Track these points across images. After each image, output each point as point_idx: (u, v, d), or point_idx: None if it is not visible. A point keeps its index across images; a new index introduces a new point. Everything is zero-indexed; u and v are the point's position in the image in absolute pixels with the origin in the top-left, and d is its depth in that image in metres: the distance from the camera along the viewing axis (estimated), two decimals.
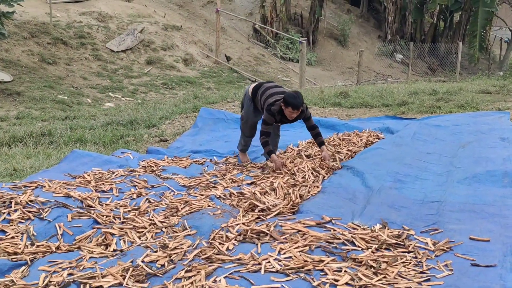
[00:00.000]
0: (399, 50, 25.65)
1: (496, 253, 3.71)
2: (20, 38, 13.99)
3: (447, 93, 10.36)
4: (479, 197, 4.74)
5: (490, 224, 4.18)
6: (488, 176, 5.20)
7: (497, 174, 5.20)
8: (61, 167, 5.75)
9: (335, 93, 10.76)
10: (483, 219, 4.30)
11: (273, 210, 4.49)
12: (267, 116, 5.74)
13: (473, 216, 4.37)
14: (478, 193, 4.85)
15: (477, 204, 4.59)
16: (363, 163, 5.69)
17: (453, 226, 4.21)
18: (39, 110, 10.60)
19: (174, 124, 9.02)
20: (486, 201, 4.64)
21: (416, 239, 3.99)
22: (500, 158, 5.63)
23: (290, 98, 5.56)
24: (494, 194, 4.77)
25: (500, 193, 4.81)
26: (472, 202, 4.66)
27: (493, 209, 4.46)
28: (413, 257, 3.70)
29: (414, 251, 3.78)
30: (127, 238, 4.08)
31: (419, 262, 3.63)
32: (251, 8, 24.79)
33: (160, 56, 16.55)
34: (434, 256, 3.73)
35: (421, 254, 3.72)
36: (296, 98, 5.55)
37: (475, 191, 4.92)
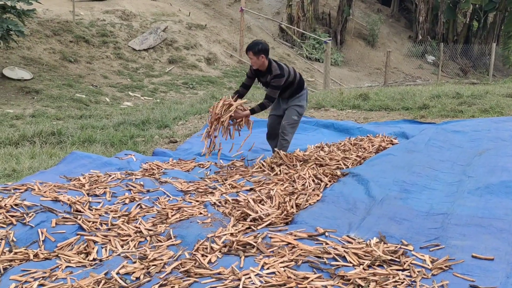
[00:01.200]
0: (430, 51, 25.08)
1: (499, 274, 3.43)
2: (43, 36, 14.05)
3: (471, 97, 9.95)
4: (489, 210, 4.43)
5: (497, 241, 3.88)
6: (502, 187, 4.87)
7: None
8: (59, 169, 5.63)
9: (354, 95, 10.46)
10: (490, 235, 4.00)
11: (265, 220, 4.26)
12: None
13: (479, 231, 4.07)
14: (488, 206, 4.53)
15: (485, 218, 4.29)
16: (370, 170, 5.41)
17: (456, 241, 3.92)
18: (55, 108, 10.58)
19: (187, 125, 8.87)
20: (496, 215, 4.33)
21: (413, 256, 3.72)
22: None
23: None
24: (505, 207, 4.46)
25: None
26: (480, 215, 4.35)
27: (502, 224, 4.15)
28: (407, 276, 3.44)
29: (409, 269, 3.51)
30: (110, 246, 3.91)
31: (413, 281, 3.37)
32: (279, 7, 24.54)
33: (183, 55, 16.44)
34: (430, 275, 3.46)
35: (416, 273, 3.45)
36: (253, 42, 5.91)
37: (486, 203, 4.61)
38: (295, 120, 6.22)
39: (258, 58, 5.83)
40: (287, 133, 6.20)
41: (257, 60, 5.84)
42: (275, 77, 5.87)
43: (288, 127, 6.20)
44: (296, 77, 6.15)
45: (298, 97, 6.22)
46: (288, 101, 6.26)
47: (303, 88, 6.28)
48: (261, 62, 5.87)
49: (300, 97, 6.24)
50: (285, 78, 5.93)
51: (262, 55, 5.84)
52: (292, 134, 6.26)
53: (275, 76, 5.87)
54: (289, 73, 6.02)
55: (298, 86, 6.20)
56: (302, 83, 6.28)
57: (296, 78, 6.15)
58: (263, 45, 5.86)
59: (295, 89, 6.18)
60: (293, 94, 6.21)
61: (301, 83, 6.24)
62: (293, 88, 6.16)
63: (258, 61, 5.86)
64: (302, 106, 6.25)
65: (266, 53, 5.88)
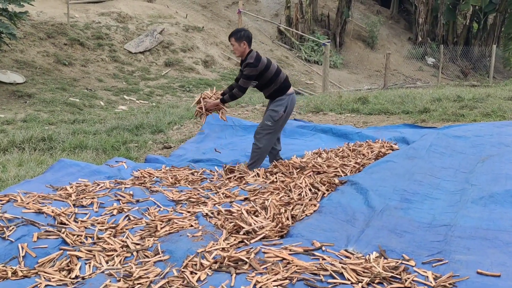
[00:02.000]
0: (430, 53, 24.88)
1: None
2: (36, 38, 13.83)
3: (472, 100, 9.74)
4: (494, 221, 4.21)
5: (503, 256, 3.66)
6: (507, 196, 4.65)
7: None
8: (45, 177, 5.41)
9: (353, 99, 10.25)
10: (496, 249, 3.78)
11: (258, 233, 4.04)
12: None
13: (484, 245, 3.85)
14: (493, 217, 4.31)
15: (491, 230, 4.07)
16: (369, 179, 5.19)
17: (460, 256, 3.69)
18: (48, 113, 10.36)
19: (182, 130, 8.67)
20: (501, 227, 4.11)
21: (415, 272, 3.50)
22: None
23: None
24: (511, 218, 4.24)
25: None
26: (485, 227, 4.13)
27: (508, 236, 3.93)
28: None
29: (411, 287, 3.29)
30: (94, 262, 3.69)
31: None
32: (277, 9, 24.35)
33: (180, 58, 16.23)
34: None
35: None
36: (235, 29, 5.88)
37: (490, 213, 4.39)
38: (268, 125, 5.87)
39: (240, 44, 5.69)
40: (259, 138, 5.91)
41: (238, 46, 5.70)
42: (247, 65, 5.67)
43: (260, 132, 5.92)
44: (277, 77, 5.83)
45: (277, 101, 5.89)
46: (269, 103, 6.03)
47: (286, 93, 5.90)
48: (242, 49, 5.72)
49: (280, 102, 5.87)
50: (259, 69, 5.67)
51: (244, 42, 5.69)
52: (267, 141, 5.91)
53: (247, 64, 5.67)
54: (266, 68, 5.74)
55: (280, 89, 5.87)
56: (286, 86, 5.91)
57: (277, 78, 5.83)
58: (246, 32, 5.76)
59: (275, 90, 5.87)
60: (273, 96, 5.92)
61: (284, 86, 5.89)
62: (273, 88, 5.86)
63: (239, 48, 5.72)
64: (277, 112, 5.85)
65: (248, 41, 5.73)
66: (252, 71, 5.66)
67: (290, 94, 5.94)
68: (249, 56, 5.71)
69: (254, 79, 5.75)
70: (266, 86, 5.86)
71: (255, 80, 5.78)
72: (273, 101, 5.94)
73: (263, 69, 5.72)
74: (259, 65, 5.67)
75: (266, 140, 5.89)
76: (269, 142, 5.94)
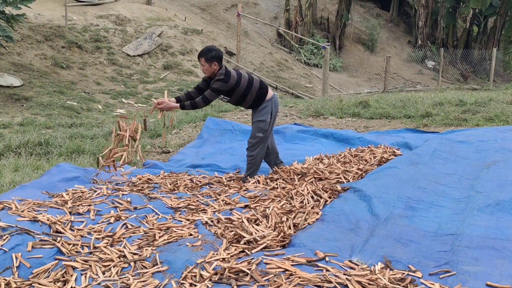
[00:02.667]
0: (430, 56, 24.79)
1: None
2: (34, 41, 13.72)
3: (475, 104, 9.62)
4: (502, 230, 4.10)
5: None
6: None
7: None
8: (41, 183, 5.28)
9: (354, 103, 10.14)
10: (505, 259, 3.67)
11: (260, 243, 3.92)
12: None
13: (492, 255, 3.73)
14: (500, 225, 4.20)
15: (499, 239, 3.95)
16: (372, 185, 5.08)
17: (469, 267, 3.58)
18: (45, 116, 10.24)
19: (181, 134, 8.57)
20: (509, 236, 4.00)
21: (423, 284, 3.39)
22: None
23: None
24: None
25: None
26: (493, 236, 4.02)
27: None
28: None
29: None
30: (90, 273, 3.57)
31: None
32: (276, 12, 24.25)
33: (178, 61, 16.11)
34: None
35: None
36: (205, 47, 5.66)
37: (497, 222, 4.28)
38: (260, 136, 5.74)
39: (211, 65, 5.50)
40: (252, 149, 5.78)
41: (209, 67, 5.51)
42: (218, 80, 5.49)
43: (253, 144, 5.78)
44: (250, 88, 5.64)
45: (261, 110, 5.72)
46: (253, 113, 5.84)
47: (266, 100, 5.73)
48: (212, 70, 5.53)
49: (263, 110, 5.71)
50: (229, 85, 5.52)
51: (215, 62, 5.50)
52: (260, 149, 5.79)
53: (217, 79, 5.49)
54: (237, 83, 5.56)
55: (258, 97, 5.70)
56: (263, 93, 5.72)
57: (250, 89, 5.65)
58: (217, 52, 5.53)
59: (254, 101, 5.71)
60: (254, 105, 5.75)
61: (260, 94, 5.70)
62: (250, 100, 5.70)
63: (210, 69, 5.53)
64: (264, 121, 5.71)
65: (219, 61, 5.54)
66: (222, 86, 5.49)
67: (271, 99, 5.78)
68: (218, 73, 5.54)
69: (225, 94, 5.61)
70: (242, 100, 5.70)
71: (226, 96, 5.63)
72: (256, 110, 5.77)
73: (233, 85, 5.54)
74: (229, 81, 5.51)
75: (260, 149, 5.80)
76: (262, 150, 5.85)
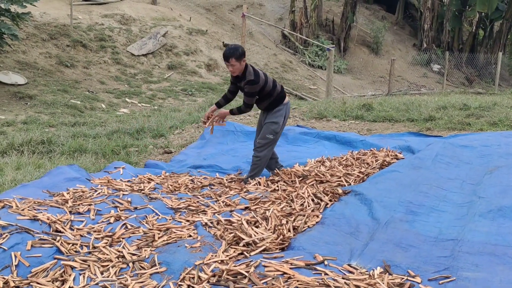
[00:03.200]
0: (435, 60, 24.73)
1: None
2: (39, 40, 13.74)
3: (479, 108, 9.59)
4: (503, 236, 4.08)
5: None
6: None
7: None
8: (42, 182, 5.27)
9: (357, 105, 10.11)
10: (505, 266, 3.65)
11: (259, 245, 3.90)
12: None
13: (493, 261, 3.71)
14: (502, 231, 4.18)
15: (500, 246, 3.93)
16: (373, 189, 5.06)
17: (468, 273, 3.56)
18: (48, 115, 10.25)
19: (183, 134, 8.56)
20: (511, 242, 3.97)
21: None
22: None
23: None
24: None
25: None
26: (494, 242, 4.00)
27: None
28: None
29: None
30: (88, 273, 3.56)
31: None
32: (282, 13, 24.24)
33: (182, 61, 16.12)
34: None
35: None
36: (228, 48, 5.46)
37: (498, 228, 4.25)
38: (270, 138, 5.69)
39: (241, 63, 5.40)
40: (260, 150, 5.72)
41: (239, 65, 5.40)
42: (248, 83, 5.42)
43: (262, 144, 5.72)
44: (274, 89, 5.64)
45: (275, 112, 5.69)
46: (267, 114, 5.78)
47: (283, 103, 5.73)
48: (242, 67, 5.45)
49: (278, 113, 5.69)
50: (260, 84, 5.48)
51: (244, 59, 5.43)
52: (268, 151, 5.75)
53: (248, 82, 5.42)
54: (265, 82, 5.55)
55: (277, 99, 5.68)
56: (282, 96, 5.73)
57: (274, 90, 5.64)
58: (242, 48, 5.47)
59: (273, 102, 5.68)
60: (271, 107, 5.71)
61: (280, 96, 5.70)
62: (270, 100, 5.66)
63: (240, 67, 5.43)
64: (277, 123, 5.69)
65: (245, 56, 5.50)
66: (255, 88, 5.46)
67: (287, 103, 5.79)
68: (247, 73, 5.45)
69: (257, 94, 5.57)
70: (264, 99, 5.66)
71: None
72: (270, 112, 5.73)
73: (263, 85, 5.53)
74: (259, 81, 5.48)
75: (268, 151, 5.75)
76: (269, 152, 5.81)
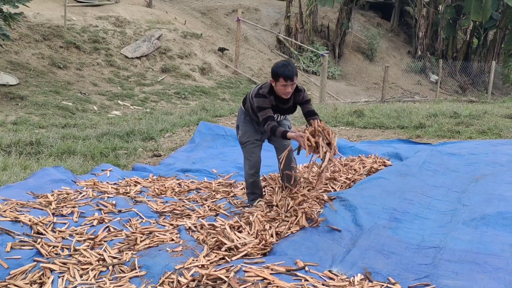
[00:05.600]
0: (429, 67, 24.79)
1: None
2: (32, 40, 13.71)
3: (469, 117, 9.62)
4: (485, 245, 4.08)
5: (493, 282, 3.53)
6: (499, 218, 4.51)
7: (510, 217, 4.49)
8: (27, 184, 5.25)
9: (349, 111, 10.14)
10: (485, 274, 3.64)
11: (240, 250, 3.90)
12: (259, 100, 4.62)
13: (473, 269, 3.71)
14: (484, 239, 4.18)
15: (481, 254, 3.93)
16: (359, 195, 5.05)
17: (448, 281, 3.56)
18: (39, 116, 10.22)
19: (174, 138, 8.54)
20: (492, 251, 3.97)
21: None
22: None
23: (279, 67, 4.51)
24: (502, 242, 4.10)
25: (510, 240, 4.14)
26: (475, 250, 4.00)
27: (499, 261, 3.79)
28: None
29: None
30: (67, 276, 3.54)
31: None
32: (277, 18, 24.27)
33: (176, 64, 16.12)
34: None
35: None
36: (287, 66, 4.50)
37: (481, 236, 4.25)
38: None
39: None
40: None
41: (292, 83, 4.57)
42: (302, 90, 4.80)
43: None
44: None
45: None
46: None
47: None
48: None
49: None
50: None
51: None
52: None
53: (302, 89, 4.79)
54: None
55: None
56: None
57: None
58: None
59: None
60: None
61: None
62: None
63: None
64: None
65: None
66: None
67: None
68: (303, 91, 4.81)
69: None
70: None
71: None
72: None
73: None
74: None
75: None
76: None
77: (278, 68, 4.50)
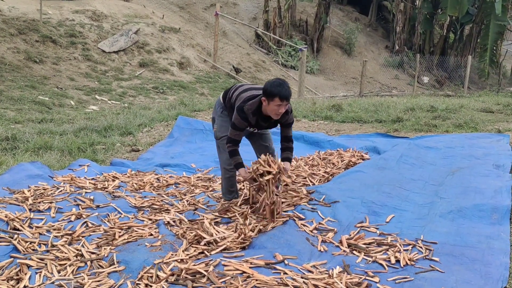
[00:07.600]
0: (406, 62, 24.97)
1: None
2: (7, 34, 13.49)
3: (446, 111, 9.73)
4: (462, 237, 4.15)
5: (469, 273, 3.58)
6: (475, 210, 4.60)
7: (485, 209, 4.60)
8: (3, 179, 5.17)
9: (327, 106, 10.18)
10: (462, 265, 3.70)
11: (220, 244, 3.89)
12: (239, 119, 4.40)
13: (450, 261, 3.76)
14: (461, 231, 4.25)
15: (458, 246, 3.99)
16: (337, 189, 5.09)
17: (425, 273, 3.61)
18: (15, 111, 10.07)
19: (152, 132, 8.48)
20: (469, 242, 4.04)
21: None
22: (491, 189, 5.02)
23: (275, 86, 4.25)
24: (478, 234, 4.17)
25: (486, 232, 4.21)
26: (452, 242, 4.06)
27: (475, 253, 3.85)
28: None
29: None
30: (45, 272, 3.50)
31: None
32: (255, 13, 24.23)
33: (154, 59, 16.00)
34: None
35: None
36: (283, 86, 4.25)
37: (458, 228, 4.32)
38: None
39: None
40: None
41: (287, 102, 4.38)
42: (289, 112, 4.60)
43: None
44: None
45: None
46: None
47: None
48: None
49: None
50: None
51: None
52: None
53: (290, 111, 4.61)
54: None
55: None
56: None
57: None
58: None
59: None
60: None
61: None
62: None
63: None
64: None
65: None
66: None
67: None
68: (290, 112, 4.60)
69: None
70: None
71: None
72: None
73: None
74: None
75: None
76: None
77: (273, 87, 4.25)
